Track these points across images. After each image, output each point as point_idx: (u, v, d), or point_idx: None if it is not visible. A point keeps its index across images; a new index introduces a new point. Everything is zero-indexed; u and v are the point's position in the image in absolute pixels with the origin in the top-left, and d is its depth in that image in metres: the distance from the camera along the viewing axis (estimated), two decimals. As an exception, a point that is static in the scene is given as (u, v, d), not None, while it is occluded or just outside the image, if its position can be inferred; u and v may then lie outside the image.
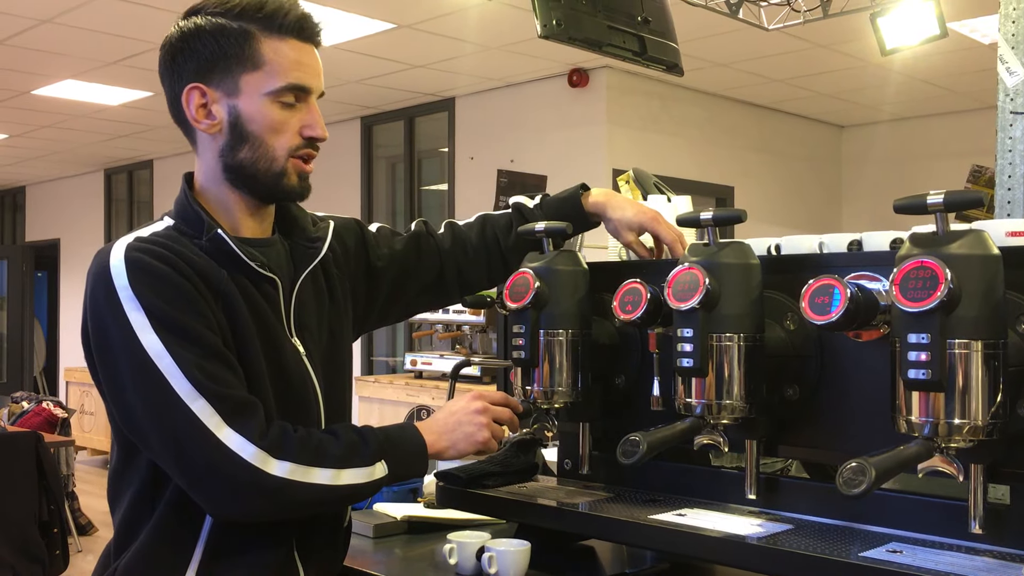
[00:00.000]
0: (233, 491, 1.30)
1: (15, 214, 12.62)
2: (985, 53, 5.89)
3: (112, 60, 6.20)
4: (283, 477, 1.30)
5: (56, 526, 4.70)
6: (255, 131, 1.39)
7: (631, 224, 1.70)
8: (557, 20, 3.02)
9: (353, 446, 1.39)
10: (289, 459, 1.31)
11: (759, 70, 6.56)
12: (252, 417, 1.31)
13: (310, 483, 1.33)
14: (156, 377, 1.28)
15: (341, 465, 1.36)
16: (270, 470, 1.30)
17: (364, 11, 5.27)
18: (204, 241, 1.39)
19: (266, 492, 1.30)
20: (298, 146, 1.42)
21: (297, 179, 1.44)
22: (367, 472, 1.38)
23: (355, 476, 1.37)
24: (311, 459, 1.33)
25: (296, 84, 1.40)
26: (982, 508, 1.21)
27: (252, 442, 1.29)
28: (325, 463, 1.35)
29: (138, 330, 1.28)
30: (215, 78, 1.39)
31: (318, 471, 1.34)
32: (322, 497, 1.35)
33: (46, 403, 6.33)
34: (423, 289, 1.74)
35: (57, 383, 11.15)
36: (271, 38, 1.38)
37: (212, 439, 1.27)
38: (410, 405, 5.95)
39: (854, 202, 8.38)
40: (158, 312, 1.29)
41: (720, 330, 1.37)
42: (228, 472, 1.28)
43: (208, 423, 1.28)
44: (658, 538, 1.41)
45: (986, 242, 1.15)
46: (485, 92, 7.10)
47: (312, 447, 1.35)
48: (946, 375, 1.13)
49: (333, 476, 1.35)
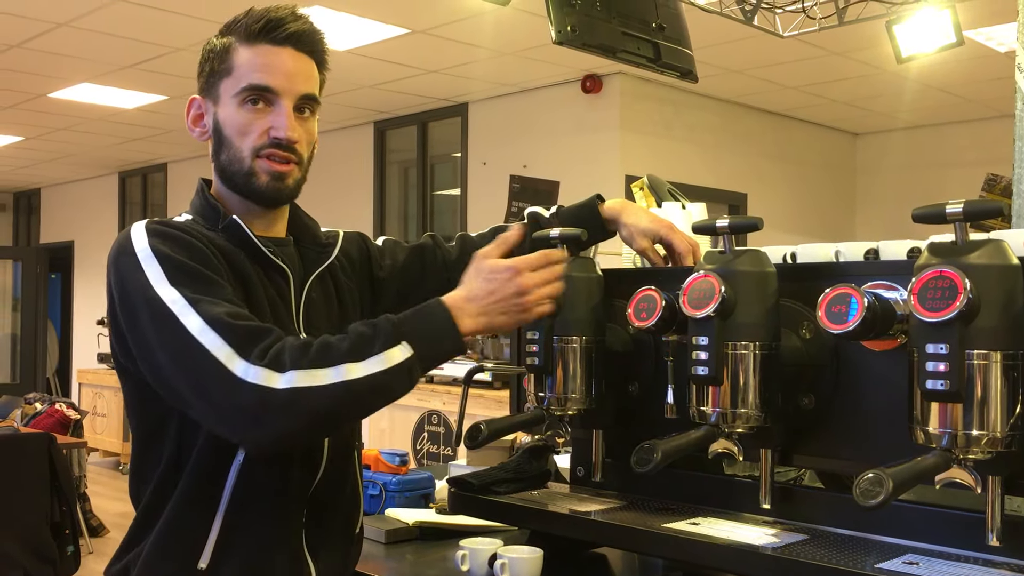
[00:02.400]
0: (252, 417, 1.27)
1: (30, 216, 12.69)
2: (1001, 61, 5.87)
3: (128, 64, 6.23)
4: (290, 387, 1.25)
5: (68, 527, 4.72)
6: (228, 134, 1.46)
7: (646, 231, 1.70)
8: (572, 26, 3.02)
9: (362, 337, 1.30)
10: (291, 367, 1.26)
11: (773, 77, 6.55)
12: (260, 341, 1.29)
13: (321, 385, 1.26)
14: (173, 323, 1.29)
15: (351, 359, 1.28)
16: (275, 385, 1.25)
17: (378, 16, 5.28)
18: (220, 229, 1.44)
19: (279, 408, 1.26)
20: (262, 145, 1.44)
21: (267, 179, 1.45)
22: (383, 359, 1.28)
23: (371, 366, 1.28)
24: (314, 362, 1.27)
25: (255, 84, 1.43)
26: (999, 520, 1.20)
27: (255, 364, 1.26)
28: (332, 361, 1.27)
29: (155, 283, 1.31)
30: (206, 90, 1.49)
31: (325, 371, 1.27)
32: (341, 397, 1.27)
33: (59, 404, 6.36)
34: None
35: (70, 385, 11.20)
36: (244, 45, 1.45)
37: (224, 371, 1.26)
38: (420, 410, 5.95)
39: (868, 210, 8.35)
40: (174, 262, 1.33)
41: (736, 338, 1.36)
42: (241, 401, 1.26)
43: (219, 355, 1.26)
44: (671, 547, 1.40)
45: (1005, 252, 1.14)
46: (498, 97, 7.11)
47: (314, 350, 1.28)
48: (964, 386, 1.12)
49: (345, 372, 1.27)
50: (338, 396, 1.27)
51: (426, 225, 7.75)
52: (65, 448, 5.09)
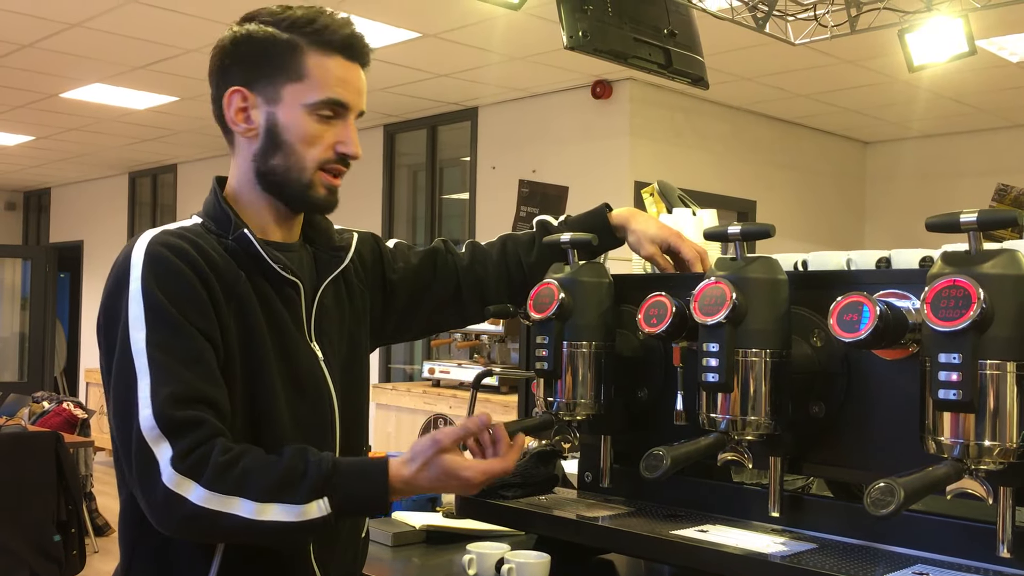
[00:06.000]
0: (156, 509, 1.27)
1: (39, 215, 12.73)
2: (1014, 71, 5.85)
3: (139, 65, 6.25)
4: (199, 504, 1.24)
5: (74, 526, 4.72)
6: (289, 140, 1.42)
7: (654, 238, 1.69)
8: (583, 31, 3.03)
9: (291, 473, 1.27)
10: (206, 485, 1.24)
11: (784, 85, 6.54)
12: (187, 435, 1.26)
13: (229, 513, 1.25)
14: (128, 374, 1.28)
15: (268, 498, 1.26)
16: (186, 494, 1.24)
17: (390, 20, 5.29)
18: (230, 240, 1.40)
19: (184, 516, 1.25)
20: (328, 160, 1.43)
21: (324, 192, 1.45)
22: (299, 511, 1.26)
23: (283, 514, 1.26)
24: (231, 488, 1.25)
25: (335, 99, 1.42)
26: (1011, 531, 1.19)
27: (172, 463, 1.24)
28: (248, 493, 1.25)
29: (132, 325, 1.29)
30: (258, 84, 1.42)
31: (239, 502, 1.25)
32: (244, 530, 1.26)
33: (66, 403, 6.37)
34: (440, 305, 1.73)
35: (77, 384, 11.23)
36: (317, 52, 1.41)
37: (147, 451, 1.25)
38: (427, 413, 5.95)
39: (877, 219, 8.33)
40: (157, 307, 1.30)
41: (746, 345, 1.36)
42: (151, 489, 1.25)
43: (148, 435, 1.25)
44: (679, 554, 1.40)
45: (1019, 262, 1.14)
46: (508, 102, 7.11)
47: (236, 475, 1.25)
48: (977, 396, 1.12)
49: (256, 511, 1.25)
50: (241, 528, 1.27)
51: (434, 228, 7.75)
52: (72, 447, 5.10)
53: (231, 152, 1.48)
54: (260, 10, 1.45)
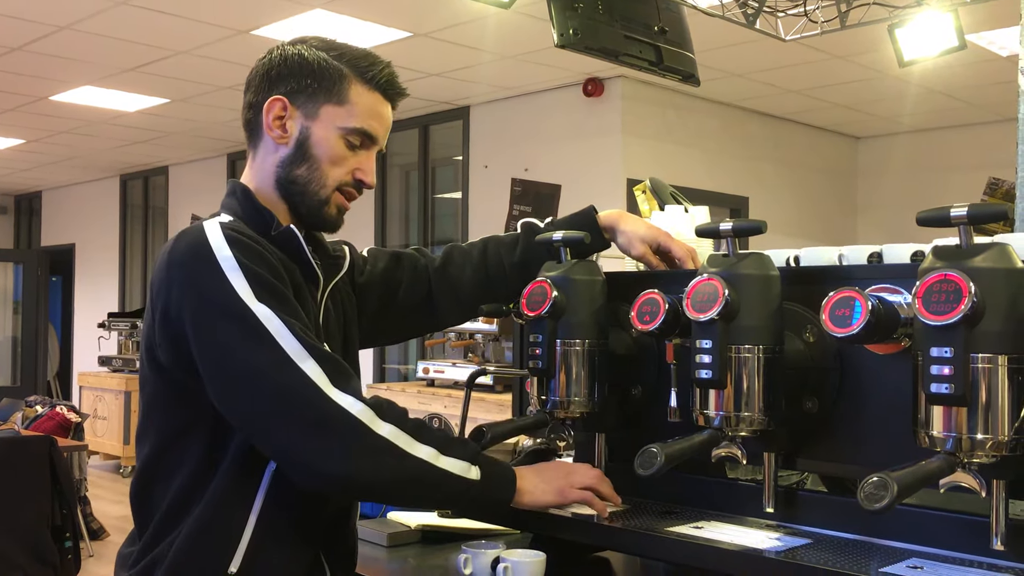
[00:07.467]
0: (341, 447, 1.32)
1: (31, 219, 12.70)
2: (1004, 65, 5.87)
3: (130, 67, 6.23)
4: (388, 439, 1.33)
5: (68, 530, 4.71)
6: (317, 155, 1.50)
7: (644, 237, 1.70)
8: (574, 29, 3.03)
9: (451, 439, 1.41)
10: (394, 422, 1.34)
11: (775, 81, 6.55)
12: (352, 380, 1.37)
13: (412, 453, 1.34)
14: (268, 340, 1.33)
15: (442, 449, 1.37)
16: (377, 428, 1.32)
17: (381, 19, 5.29)
18: (273, 234, 1.47)
19: (371, 451, 1.32)
20: (347, 183, 1.53)
21: (335, 211, 1.54)
22: (464, 467, 1.39)
23: (453, 465, 1.38)
24: (414, 431, 1.36)
25: (367, 130, 1.52)
26: (1004, 524, 1.20)
27: (359, 398, 1.33)
28: (428, 441, 1.36)
29: (244, 297, 1.34)
30: (300, 98, 1.51)
31: (421, 445, 1.35)
32: (420, 473, 1.35)
33: (60, 407, 6.35)
34: (412, 308, 1.76)
35: (71, 388, 11.21)
36: (361, 84, 1.52)
37: (323, 396, 1.31)
38: (422, 413, 5.94)
39: (869, 214, 8.35)
40: (262, 280, 1.36)
41: (739, 342, 1.36)
42: (338, 428, 1.31)
43: (318, 382, 1.32)
44: (675, 550, 1.40)
45: (1010, 256, 1.14)
46: (500, 101, 7.11)
47: (414, 422, 1.37)
48: (969, 390, 1.12)
49: (434, 455, 1.36)
50: (419, 471, 1.35)
51: (427, 228, 7.75)
52: (66, 451, 5.09)
53: (251, 154, 1.55)
54: (308, 36, 1.55)
